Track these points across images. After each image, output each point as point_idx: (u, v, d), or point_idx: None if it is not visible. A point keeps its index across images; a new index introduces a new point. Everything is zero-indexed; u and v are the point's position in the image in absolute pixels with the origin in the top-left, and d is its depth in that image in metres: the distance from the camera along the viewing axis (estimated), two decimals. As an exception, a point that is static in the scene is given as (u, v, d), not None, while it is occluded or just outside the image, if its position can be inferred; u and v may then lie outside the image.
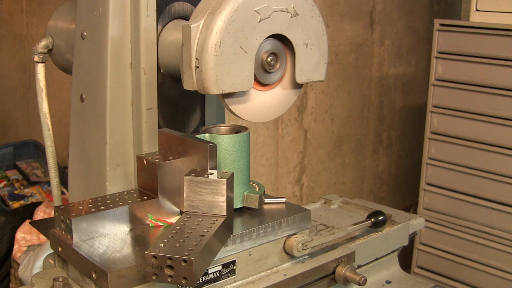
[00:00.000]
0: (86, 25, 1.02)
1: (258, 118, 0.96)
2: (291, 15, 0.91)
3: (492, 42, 2.21)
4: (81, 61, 1.05)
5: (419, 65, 3.06)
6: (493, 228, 2.28)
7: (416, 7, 3.01)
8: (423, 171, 2.47)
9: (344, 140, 2.83)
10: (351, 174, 2.91)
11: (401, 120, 3.09)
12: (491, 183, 2.27)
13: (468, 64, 2.29)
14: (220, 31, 0.84)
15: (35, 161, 2.93)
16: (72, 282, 0.88)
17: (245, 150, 0.96)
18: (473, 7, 2.27)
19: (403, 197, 3.14)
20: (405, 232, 1.18)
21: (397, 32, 2.94)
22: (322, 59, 0.97)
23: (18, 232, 2.11)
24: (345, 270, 0.98)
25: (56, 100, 2.52)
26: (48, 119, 1.18)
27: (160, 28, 1.01)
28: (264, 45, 0.90)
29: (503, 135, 2.21)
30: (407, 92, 3.07)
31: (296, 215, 0.96)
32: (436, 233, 2.45)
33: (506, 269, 2.26)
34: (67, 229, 0.87)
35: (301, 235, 0.97)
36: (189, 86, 0.88)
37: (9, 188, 2.74)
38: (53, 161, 1.19)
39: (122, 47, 0.99)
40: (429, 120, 2.43)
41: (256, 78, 0.91)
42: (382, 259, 1.14)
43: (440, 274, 2.47)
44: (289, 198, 2.54)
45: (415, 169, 2.70)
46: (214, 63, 0.85)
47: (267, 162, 2.51)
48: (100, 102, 1.00)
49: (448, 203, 2.41)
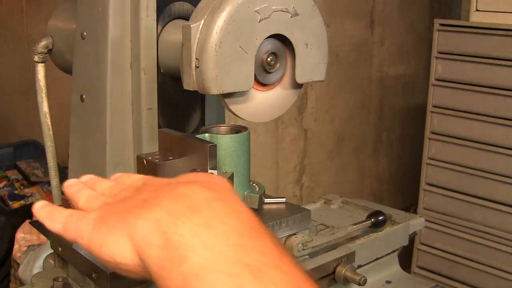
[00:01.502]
0: (86, 25, 1.02)
1: (258, 118, 0.96)
2: (291, 15, 0.91)
3: (492, 42, 2.21)
4: (81, 61, 1.05)
5: (419, 65, 3.06)
6: (493, 228, 2.28)
7: (416, 7, 3.01)
8: (423, 171, 2.47)
9: (344, 140, 2.83)
10: (351, 174, 2.91)
11: (401, 120, 3.09)
12: (491, 183, 2.27)
13: (468, 64, 2.29)
14: (220, 31, 0.84)
15: (35, 161, 2.93)
16: (72, 282, 0.88)
17: (245, 150, 0.96)
18: (473, 7, 2.27)
19: (403, 197, 3.14)
20: (405, 232, 1.18)
21: (397, 32, 2.94)
22: (322, 59, 0.97)
23: (18, 232, 2.11)
24: (345, 270, 0.98)
25: (56, 100, 2.52)
26: (48, 119, 1.18)
27: (160, 28, 1.01)
28: (264, 45, 0.90)
29: (503, 135, 2.22)
30: (407, 92, 3.07)
31: (296, 215, 0.96)
32: (436, 233, 2.45)
33: (506, 269, 2.26)
34: (67, 229, 0.87)
35: (301, 235, 0.97)
36: (189, 86, 0.88)
37: (9, 188, 2.74)
38: (53, 161, 1.19)
39: (122, 47, 0.99)
40: (429, 120, 2.43)
41: (256, 78, 0.91)
42: (382, 259, 1.14)
43: (440, 274, 2.47)
44: (289, 198, 2.53)
45: (415, 169, 2.70)
46: (214, 63, 0.85)
47: (267, 162, 2.52)
48: (100, 102, 1.00)
49: (448, 203, 2.41)
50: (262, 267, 0.47)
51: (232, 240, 0.49)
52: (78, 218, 0.58)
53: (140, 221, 0.52)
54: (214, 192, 0.54)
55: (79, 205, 0.62)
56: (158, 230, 0.50)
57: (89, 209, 0.60)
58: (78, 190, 0.64)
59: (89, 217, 0.57)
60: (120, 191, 0.62)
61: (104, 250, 0.54)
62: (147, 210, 0.52)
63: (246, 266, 0.47)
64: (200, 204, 0.52)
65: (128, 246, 0.52)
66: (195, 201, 0.52)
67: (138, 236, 0.51)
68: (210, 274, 0.46)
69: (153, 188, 0.57)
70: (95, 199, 0.61)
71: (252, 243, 0.49)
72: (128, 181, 0.66)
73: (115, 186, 0.65)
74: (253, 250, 0.48)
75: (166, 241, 0.49)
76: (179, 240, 0.49)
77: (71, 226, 0.58)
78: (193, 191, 0.54)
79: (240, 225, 0.51)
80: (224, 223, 0.50)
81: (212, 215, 0.51)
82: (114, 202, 0.59)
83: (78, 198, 0.63)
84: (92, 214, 0.57)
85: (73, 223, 0.58)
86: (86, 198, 0.62)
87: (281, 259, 0.49)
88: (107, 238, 0.54)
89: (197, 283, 0.46)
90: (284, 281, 0.46)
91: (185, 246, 0.48)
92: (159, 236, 0.50)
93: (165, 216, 0.51)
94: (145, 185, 0.61)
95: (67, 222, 0.59)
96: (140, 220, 0.52)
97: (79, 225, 0.57)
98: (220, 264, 0.47)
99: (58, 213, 0.60)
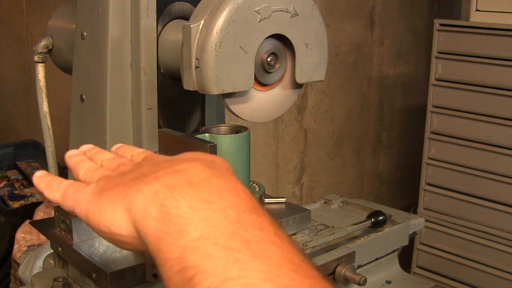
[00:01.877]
0: (86, 25, 1.02)
1: (258, 118, 0.96)
2: (291, 15, 0.91)
3: (492, 42, 2.21)
4: (81, 61, 1.05)
5: (419, 65, 3.06)
6: (493, 228, 2.28)
7: (416, 7, 3.01)
8: (423, 171, 2.47)
9: (344, 140, 2.83)
10: (351, 174, 2.91)
11: (401, 120, 3.09)
12: (491, 183, 2.27)
13: (468, 64, 2.29)
14: (220, 31, 0.84)
15: (35, 161, 2.93)
16: (72, 282, 0.88)
17: (245, 150, 0.96)
18: (473, 7, 2.27)
19: (403, 197, 3.14)
20: (405, 232, 1.18)
21: (397, 32, 2.94)
22: (322, 59, 0.97)
23: (18, 232, 2.10)
24: (345, 270, 0.98)
25: (56, 100, 2.52)
26: (48, 119, 1.18)
27: (160, 28, 1.01)
28: (264, 45, 0.90)
29: (503, 135, 2.22)
30: (407, 92, 3.07)
31: (296, 215, 0.96)
32: (436, 233, 2.45)
33: (506, 269, 2.26)
34: (67, 229, 0.87)
35: (301, 235, 0.97)
36: (189, 86, 0.88)
37: (9, 188, 2.74)
38: (53, 161, 1.19)
39: (122, 47, 0.99)
40: (429, 120, 2.43)
41: (256, 78, 0.91)
42: (382, 259, 1.14)
43: (440, 274, 2.47)
44: (289, 198, 2.54)
45: (415, 169, 2.70)
46: (214, 63, 0.85)
47: (267, 162, 2.52)
48: (100, 102, 1.00)
49: (448, 203, 2.41)
50: (260, 242, 0.48)
51: (230, 215, 0.50)
52: (76, 188, 0.61)
53: (139, 194, 0.53)
54: (214, 170, 0.55)
55: (79, 177, 0.65)
56: (156, 203, 0.51)
57: (88, 180, 0.63)
58: (79, 162, 0.67)
59: (88, 189, 0.59)
60: (119, 165, 0.63)
61: (102, 221, 0.55)
62: (146, 184, 0.54)
63: (243, 241, 0.48)
64: (200, 180, 0.53)
65: (124, 217, 0.54)
66: (194, 177, 0.53)
67: (136, 208, 0.53)
68: (208, 247, 0.47)
69: (153, 163, 0.59)
70: (95, 172, 0.64)
71: (250, 219, 0.50)
72: (129, 153, 0.68)
73: (115, 158, 0.67)
74: (250, 226, 0.49)
75: (165, 214, 0.50)
76: (178, 213, 0.50)
77: (69, 195, 0.61)
78: (193, 167, 0.55)
79: (238, 202, 0.51)
80: (223, 199, 0.51)
81: (212, 191, 0.52)
82: (114, 175, 0.60)
83: (79, 170, 0.66)
84: (91, 186, 0.60)
85: (71, 193, 0.60)
86: (86, 170, 0.65)
87: (278, 236, 0.50)
88: (105, 210, 0.55)
89: (195, 256, 0.47)
90: (280, 256, 0.47)
91: (184, 220, 0.49)
92: (158, 209, 0.51)
93: (164, 190, 0.52)
94: (145, 160, 0.63)
95: (65, 192, 0.61)
96: (139, 193, 0.53)
97: (78, 196, 0.59)
98: (218, 238, 0.48)
99: (57, 183, 0.63)
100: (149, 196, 0.52)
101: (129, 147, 0.71)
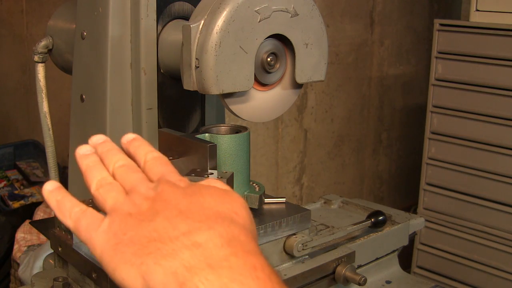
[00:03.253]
0: (86, 25, 1.02)
1: (258, 118, 0.96)
2: (291, 15, 0.91)
3: (492, 42, 2.21)
4: (81, 61, 1.05)
5: (419, 65, 3.06)
6: (493, 228, 2.29)
7: (416, 7, 3.01)
8: (423, 171, 2.47)
9: (344, 140, 2.83)
10: (351, 174, 2.91)
11: (401, 120, 3.09)
12: (491, 183, 2.27)
13: (468, 64, 2.29)
14: (220, 31, 0.84)
15: (35, 161, 2.93)
16: (72, 282, 0.88)
17: (245, 150, 0.96)
18: (473, 7, 2.27)
19: (403, 197, 3.14)
20: (405, 232, 1.18)
21: (397, 32, 2.94)
22: (322, 59, 0.97)
23: (18, 232, 2.11)
24: (345, 270, 0.98)
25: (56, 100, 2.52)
26: (48, 119, 1.18)
27: (160, 28, 1.01)
28: (264, 45, 0.90)
29: (503, 135, 2.22)
30: (407, 92, 3.07)
31: (296, 215, 0.96)
32: (436, 233, 2.45)
33: (506, 269, 2.26)
34: (67, 229, 0.87)
35: (301, 235, 0.97)
36: (189, 86, 0.88)
37: (9, 188, 2.75)
38: (53, 161, 1.19)
39: (122, 47, 0.99)
40: (429, 120, 2.43)
41: (256, 78, 0.91)
42: (382, 259, 1.14)
43: (440, 274, 2.47)
44: (289, 198, 2.54)
45: (415, 169, 2.70)
46: (214, 63, 0.85)
47: (267, 162, 2.52)
48: (100, 102, 1.00)
49: (448, 203, 2.41)
50: None
51: None
52: (89, 222, 0.58)
53: (157, 268, 0.52)
54: (234, 243, 0.55)
55: (90, 191, 0.62)
56: (176, 282, 0.51)
57: (100, 200, 0.60)
58: (90, 167, 0.63)
59: (102, 228, 0.57)
60: (133, 188, 0.60)
61: (116, 275, 0.55)
62: (164, 258, 0.53)
63: None
64: (219, 261, 0.52)
65: (140, 282, 0.53)
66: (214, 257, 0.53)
67: (154, 281, 0.52)
68: None
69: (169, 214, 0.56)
70: (107, 193, 0.60)
71: None
72: (142, 155, 0.65)
73: (128, 171, 0.63)
74: None
75: None
76: None
77: (82, 229, 0.58)
78: (212, 241, 0.54)
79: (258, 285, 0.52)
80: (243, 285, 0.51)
81: (231, 275, 0.52)
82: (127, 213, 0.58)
83: (91, 180, 0.62)
84: (104, 224, 0.57)
85: (84, 228, 0.58)
86: (97, 184, 0.61)
87: None
88: (120, 267, 0.54)
89: None
90: None
91: None
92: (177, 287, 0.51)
93: (183, 272, 0.52)
94: (160, 200, 0.59)
95: (78, 223, 0.59)
96: (157, 266, 0.52)
97: (91, 234, 0.57)
98: None
99: (69, 207, 0.60)
100: (168, 275, 0.52)
101: (141, 144, 0.68)
